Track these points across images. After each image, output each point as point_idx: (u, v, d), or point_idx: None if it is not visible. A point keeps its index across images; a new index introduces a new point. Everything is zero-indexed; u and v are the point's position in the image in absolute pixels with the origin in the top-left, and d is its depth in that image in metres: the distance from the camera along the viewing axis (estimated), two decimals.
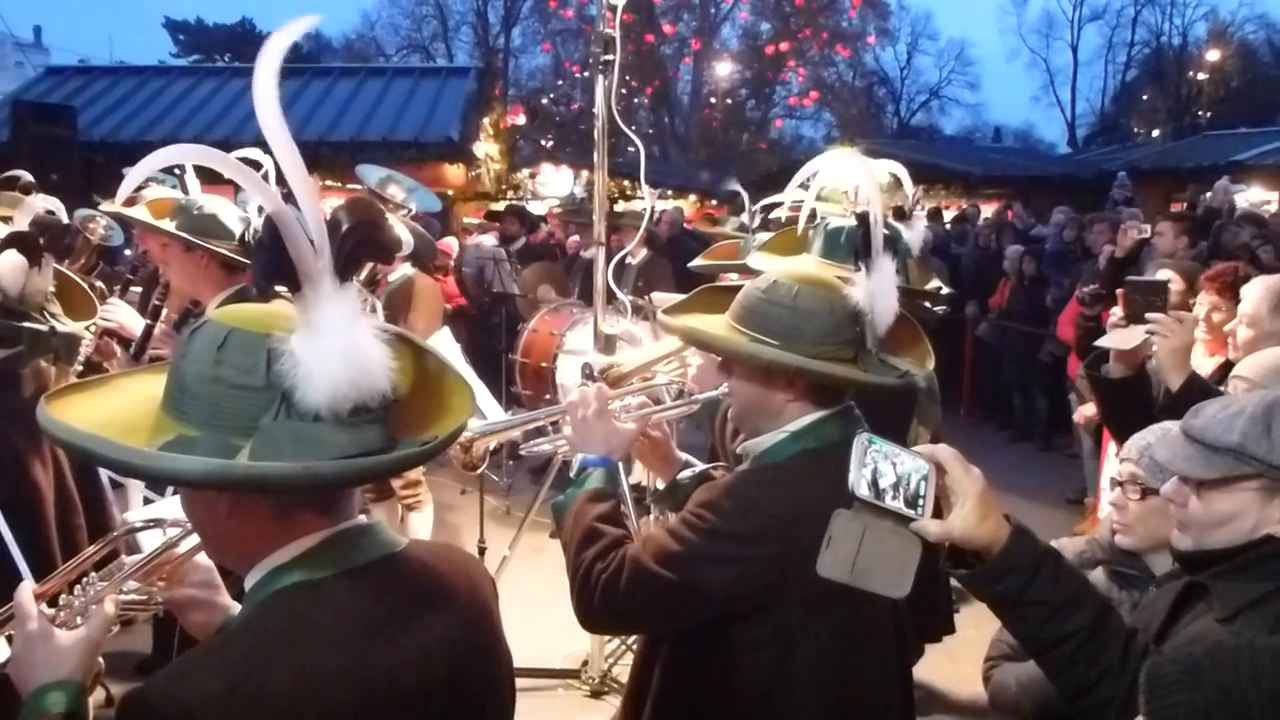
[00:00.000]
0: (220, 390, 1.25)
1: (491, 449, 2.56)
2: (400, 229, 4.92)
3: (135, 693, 1.24)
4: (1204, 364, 3.38)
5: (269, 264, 1.22)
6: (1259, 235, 7.26)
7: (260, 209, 1.85)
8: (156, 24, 40.94)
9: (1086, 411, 5.84)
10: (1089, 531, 3.69)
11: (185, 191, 3.67)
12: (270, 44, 1.25)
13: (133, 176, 1.28)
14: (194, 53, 37.24)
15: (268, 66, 1.23)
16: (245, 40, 36.72)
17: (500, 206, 12.94)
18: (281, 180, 1.29)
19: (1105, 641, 1.56)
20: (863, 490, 1.45)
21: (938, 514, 1.52)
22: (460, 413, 1.40)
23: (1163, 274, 4.29)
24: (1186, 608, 1.78)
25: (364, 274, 4.45)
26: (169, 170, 4.60)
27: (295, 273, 1.23)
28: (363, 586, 1.33)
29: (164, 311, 3.74)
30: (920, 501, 1.47)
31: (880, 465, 1.46)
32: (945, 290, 3.34)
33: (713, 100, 32.92)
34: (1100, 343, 2.93)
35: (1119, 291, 2.96)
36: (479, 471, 2.57)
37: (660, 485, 2.48)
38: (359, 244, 1.28)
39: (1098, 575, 2.46)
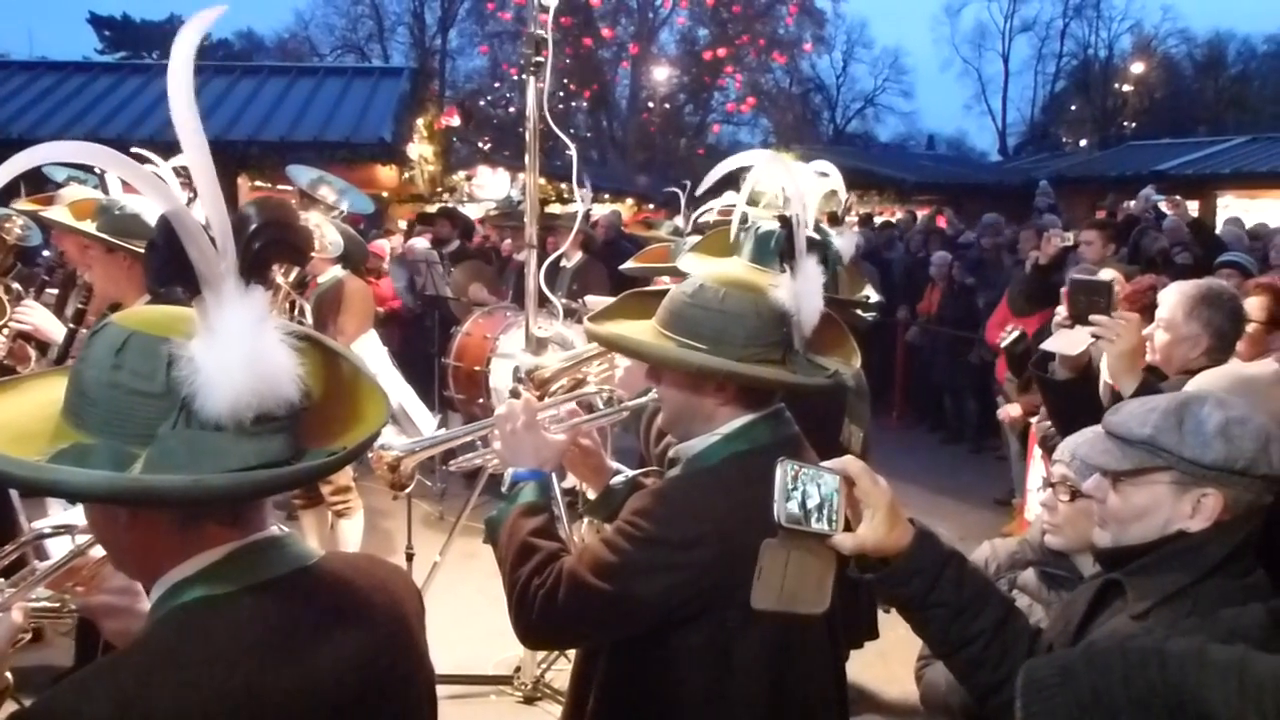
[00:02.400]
0: (118, 396, 1.20)
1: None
2: (330, 231, 4.84)
3: (21, 714, 1.18)
4: None
5: (162, 265, 1.17)
6: (1177, 243, 7.46)
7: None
8: (81, 19, 40.04)
9: (1012, 411, 5.94)
10: (1017, 532, 3.75)
11: (106, 191, 3.57)
12: (183, 35, 1.18)
13: (2, 173, 1.21)
14: (120, 49, 36.33)
15: (184, 58, 1.17)
16: (173, 36, 35.86)
17: (435, 209, 12.81)
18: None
19: (1010, 641, 1.58)
20: (792, 516, 1.45)
21: (847, 525, 1.53)
22: (373, 421, 1.35)
23: (1105, 274, 4.36)
24: (1104, 605, 1.81)
25: (293, 276, 4.37)
26: (89, 169, 4.47)
27: (194, 274, 1.18)
28: (269, 602, 1.28)
29: (86, 315, 3.63)
30: (835, 517, 1.49)
31: (808, 488, 1.47)
32: (874, 297, 3.35)
33: (650, 105, 32.95)
34: (1045, 346, 2.88)
35: (1062, 291, 2.92)
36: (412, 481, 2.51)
37: (591, 495, 2.44)
38: (268, 244, 1.23)
39: (1029, 576, 2.49)
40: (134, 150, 2.39)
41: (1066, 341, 2.81)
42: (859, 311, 3.25)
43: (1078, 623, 1.80)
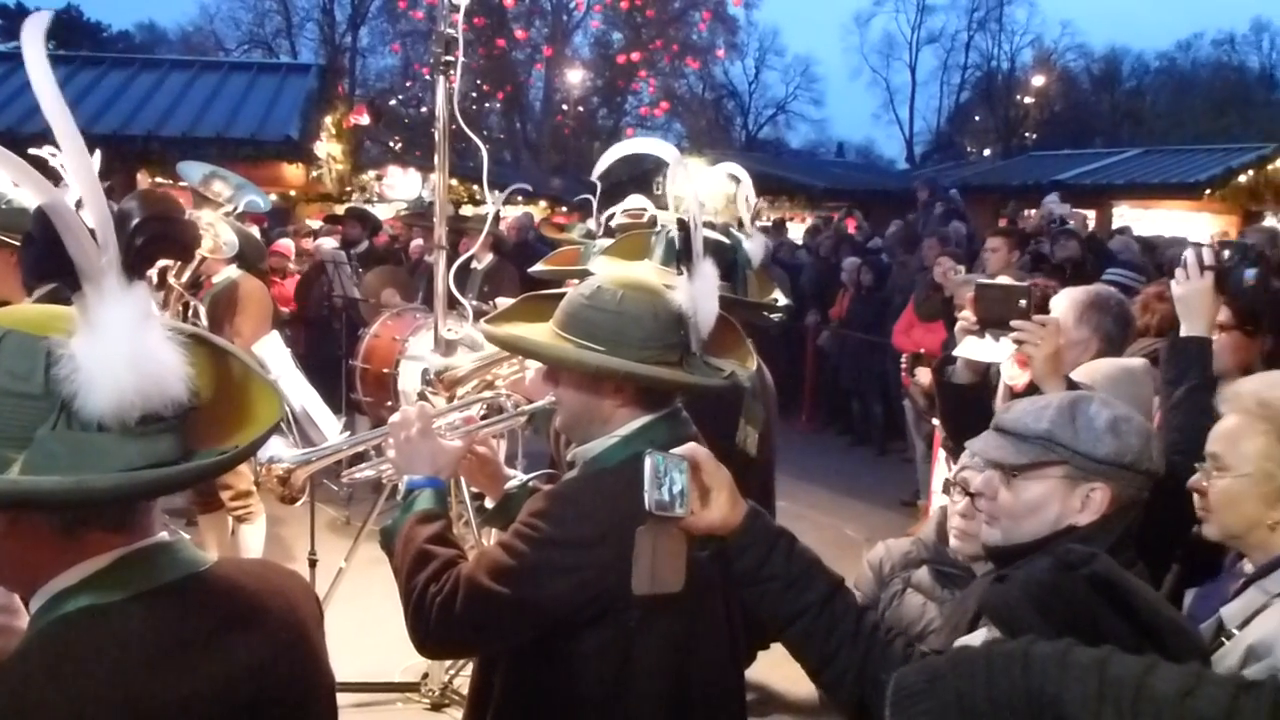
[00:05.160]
0: None
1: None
2: (224, 230, 4.71)
3: None
4: (1019, 375, 3.50)
5: (40, 260, 1.13)
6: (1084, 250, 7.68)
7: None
8: None
9: (923, 379, 5.98)
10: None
11: None
12: (30, 24, 1.14)
13: None
14: (13, 38, 34.78)
15: (34, 46, 1.12)
16: (70, 27, 34.81)
17: (343, 209, 12.58)
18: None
19: (839, 614, 1.64)
20: (661, 503, 1.53)
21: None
22: (265, 420, 1.32)
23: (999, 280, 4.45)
24: None
25: (186, 276, 4.25)
26: None
27: (73, 269, 1.13)
28: (160, 610, 1.24)
29: None
30: (688, 500, 1.57)
31: (673, 475, 1.55)
32: (783, 301, 3.39)
33: (564, 107, 32.91)
34: (960, 353, 2.82)
35: (969, 296, 2.85)
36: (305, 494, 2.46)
37: (490, 503, 2.41)
38: (151, 239, 1.19)
39: (923, 574, 2.54)
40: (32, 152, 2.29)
41: (984, 349, 2.74)
42: (767, 314, 3.29)
43: (969, 620, 1.85)
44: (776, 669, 4.51)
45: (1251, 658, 1.73)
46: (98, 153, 2.88)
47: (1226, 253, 2.53)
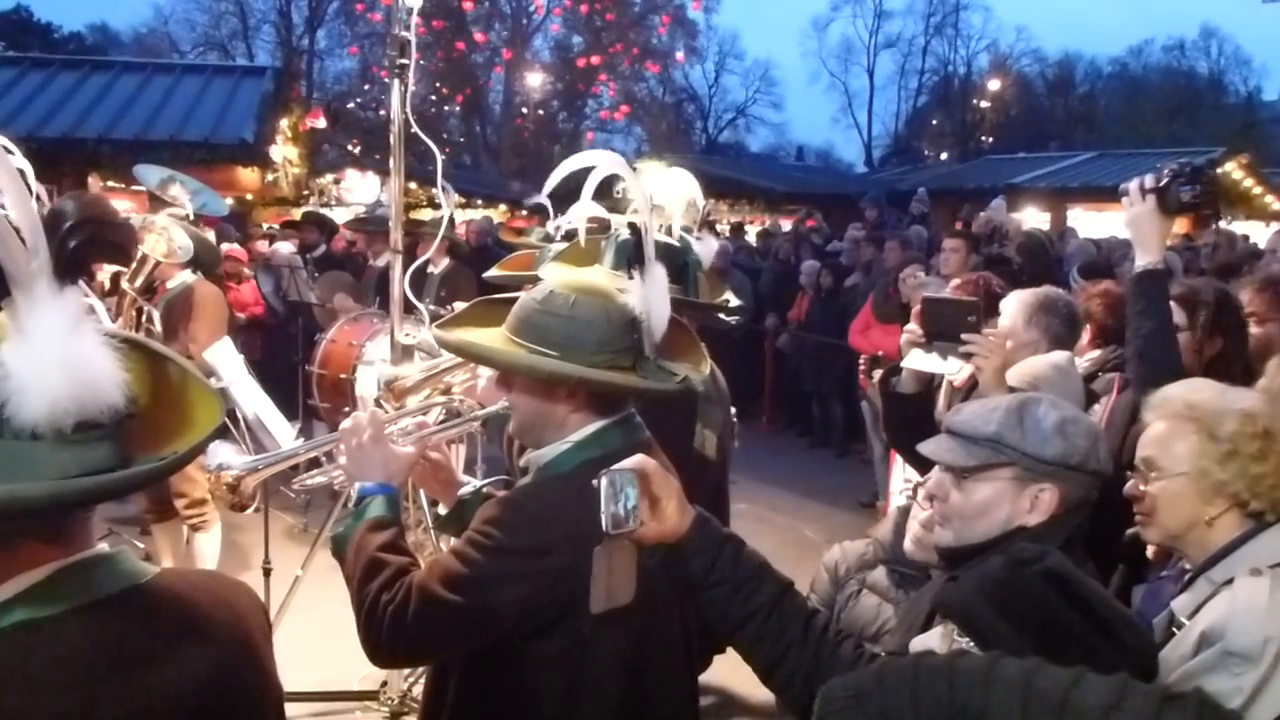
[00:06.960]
0: None
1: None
2: (178, 234, 4.65)
3: None
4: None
5: None
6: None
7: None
8: None
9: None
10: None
11: None
12: None
13: None
14: None
15: None
16: (20, 28, 34.23)
17: (300, 213, 12.46)
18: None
19: (788, 616, 1.64)
20: (618, 520, 1.53)
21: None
22: (205, 425, 1.30)
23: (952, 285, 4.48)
24: None
25: (139, 281, 4.18)
26: None
27: (1, 274, 1.11)
28: (99, 623, 1.21)
29: None
30: (638, 512, 1.56)
31: (627, 490, 1.54)
32: (735, 302, 3.38)
33: (524, 110, 32.82)
34: (906, 365, 2.84)
35: (915, 310, 2.91)
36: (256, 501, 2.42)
37: (443, 510, 2.39)
38: (84, 242, 1.17)
39: (879, 575, 2.55)
40: None
41: (930, 362, 2.77)
42: (723, 316, 3.29)
43: (922, 622, 1.86)
44: (736, 673, 4.50)
45: (1204, 644, 1.76)
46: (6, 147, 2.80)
47: (1166, 173, 2.62)
